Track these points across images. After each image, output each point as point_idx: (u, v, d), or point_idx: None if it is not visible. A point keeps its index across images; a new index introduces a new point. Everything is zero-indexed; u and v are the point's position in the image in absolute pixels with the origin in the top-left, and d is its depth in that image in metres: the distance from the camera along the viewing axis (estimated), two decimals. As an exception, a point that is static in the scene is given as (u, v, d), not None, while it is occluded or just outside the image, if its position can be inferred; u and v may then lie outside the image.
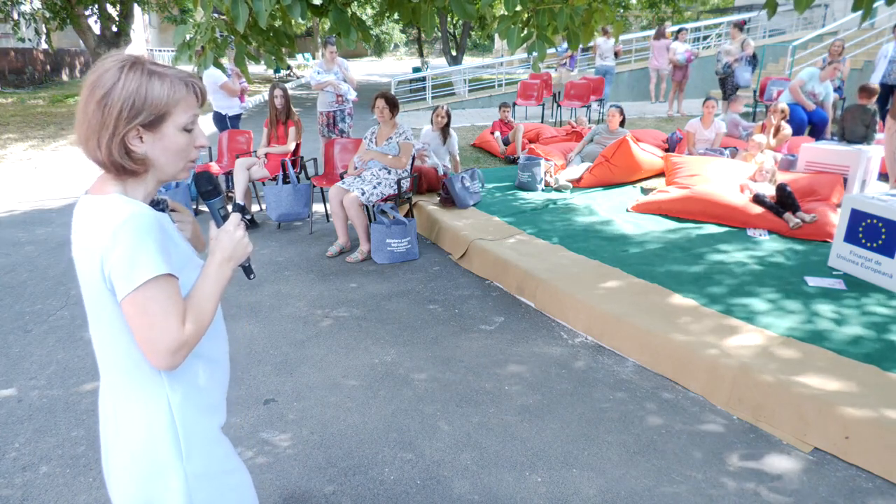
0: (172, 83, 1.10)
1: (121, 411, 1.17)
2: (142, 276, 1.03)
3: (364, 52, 45.67)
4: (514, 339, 3.44)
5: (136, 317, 1.05)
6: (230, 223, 1.22)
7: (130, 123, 1.07)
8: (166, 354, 1.06)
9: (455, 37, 21.16)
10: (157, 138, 1.11)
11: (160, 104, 1.09)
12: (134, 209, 1.06)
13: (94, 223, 1.06)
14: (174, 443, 1.16)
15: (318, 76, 6.69)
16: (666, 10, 22.10)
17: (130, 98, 1.06)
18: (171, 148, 1.13)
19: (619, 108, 6.70)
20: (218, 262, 1.18)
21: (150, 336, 1.05)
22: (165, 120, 1.11)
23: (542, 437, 2.56)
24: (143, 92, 1.07)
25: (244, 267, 1.29)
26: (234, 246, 1.20)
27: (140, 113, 1.07)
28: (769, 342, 3.01)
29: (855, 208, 3.86)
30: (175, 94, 1.11)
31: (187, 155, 1.17)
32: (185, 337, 1.07)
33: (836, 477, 2.31)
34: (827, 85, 7.79)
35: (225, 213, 1.25)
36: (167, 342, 1.05)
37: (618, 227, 4.94)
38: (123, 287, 1.03)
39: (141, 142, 1.10)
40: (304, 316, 3.74)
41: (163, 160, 1.14)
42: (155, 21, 28.34)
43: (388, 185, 4.76)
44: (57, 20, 11.93)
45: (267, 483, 2.31)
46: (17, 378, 3.04)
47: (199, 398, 1.21)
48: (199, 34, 3.65)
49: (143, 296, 1.04)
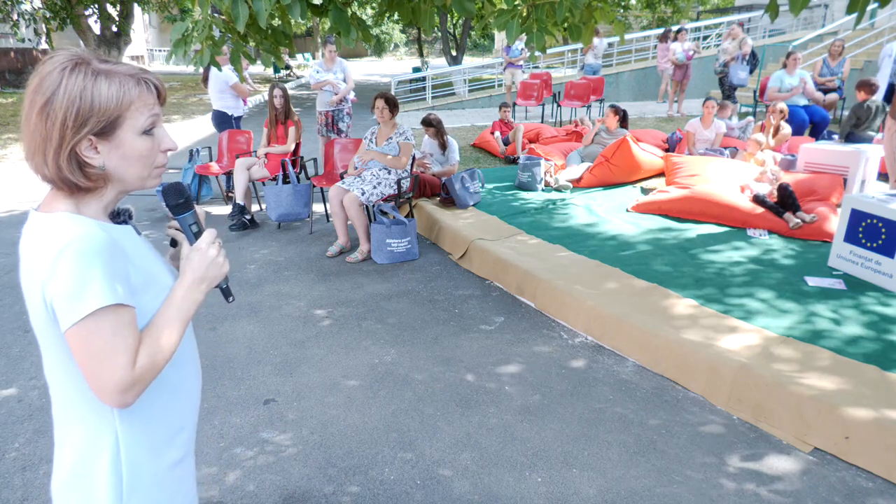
0: (122, 82, 0.98)
1: (64, 444, 1.04)
2: (86, 307, 0.91)
3: (364, 52, 45.67)
4: (514, 339, 3.44)
5: (80, 351, 0.93)
6: (203, 240, 1.10)
7: (79, 133, 0.95)
8: (113, 393, 0.94)
9: (455, 37, 21.16)
10: (114, 146, 0.99)
11: (110, 108, 0.96)
12: (80, 230, 0.93)
13: (37, 246, 0.94)
14: (114, 484, 1.02)
15: (318, 75, 6.69)
16: (665, 10, 22.08)
17: (74, 104, 0.94)
18: (132, 155, 1.01)
19: (615, 107, 6.70)
20: (188, 285, 1.05)
21: (95, 373, 0.93)
22: (120, 125, 0.98)
23: (542, 437, 2.56)
24: (88, 95, 0.95)
25: (222, 289, 1.16)
26: (208, 266, 1.08)
27: (88, 120, 0.95)
28: (769, 342, 3.01)
29: (855, 208, 3.86)
30: (126, 94, 0.98)
31: (152, 161, 1.04)
32: (135, 375, 0.95)
33: (836, 477, 2.31)
34: (797, 74, 7.99)
35: (198, 229, 1.12)
36: (114, 381, 0.93)
37: (618, 227, 4.94)
38: (66, 319, 0.92)
39: (96, 152, 0.98)
40: (304, 316, 3.74)
41: (123, 170, 1.01)
42: (155, 21, 28.36)
43: (388, 185, 4.76)
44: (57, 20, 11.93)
45: (267, 483, 2.31)
46: (17, 378, 3.04)
47: (154, 433, 1.08)
48: (196, 31, 3.65)
49: (87, 329, 0.92)
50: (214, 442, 2.55)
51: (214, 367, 3.14)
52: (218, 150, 6.32)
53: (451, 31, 20.97)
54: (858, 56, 11.47)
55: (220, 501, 2.22)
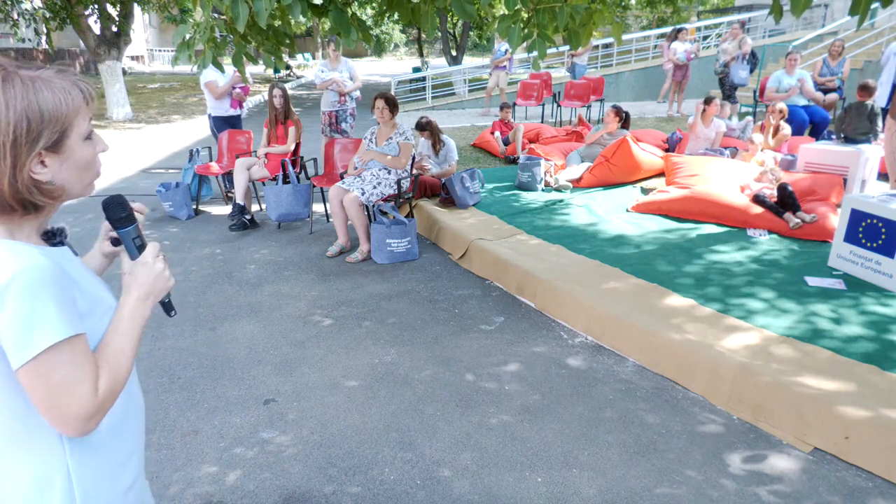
0: (64, 89, 0.92)
1: (9, 477, 0.96)
2: (40, 343, 0.86)
3: (364, 52, 45.68)
4: (514, 339, 3.44)
5: (37, 388, 0.88)
6: (148, 254, 1.06)
7: (33, 149, 0.89)
8: (77, 424, 0.90)
9: (455, 37, 21.15)
10: (65, 158, 0.93)
11: (59, 117, 0.91)
12: (24, 262, 0.87)
13: None
14: None
15: (323, 74, 6.68)
16: (665, 10, 22.08)
17: (23, 119, 0.87)
18: (80, 164, 0.96)
19: (617, 108, 6.69)
20: (134, 301, 1.01)
21: (58, 405, 0.89)
22: (69, 135, 0.93)
23: (542, 437, 2.56)
24: (35, 108, 0.88)
25: (164, 303, 1.13)
26: (154, 280, 1.04)
27: (41, 134, 0.89)
28: (769, 342, 3.01)
29: (855, 208, 3.86)
30: (72, 100, 0.93)
31: (94, 167, 1.00)
32: (98, 402, 0.91)
33: (836, 477, 2.31)
34: (796, 74, 8.00)
35: (140, 242, 1.08)
36: (77, 412, 0.89)
37: (618, 227, 4.94)
38: (18, 357, 0.86)
39: (44, 167, 0.91)
40: (304, 316, 3.74)
41: (73, 179, 0.96)
42: (155, 21, 28.34)
43: (388, 186, 4.76)
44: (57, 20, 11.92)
45: (267, 483, 2.31)
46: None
47: (106, 460, 1.03)
48: (198, 34, 3.65)
49: (44, 365, 0.87)
50: (214, 442, 2.55)
51: (214, 367, 3.15)
52: (218, 150, 6.32)
53: (450, 31, 20.96)
54: (858, 56, 11.48)
55: (220, 501, 2.22)
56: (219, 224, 5.61)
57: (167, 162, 8.17)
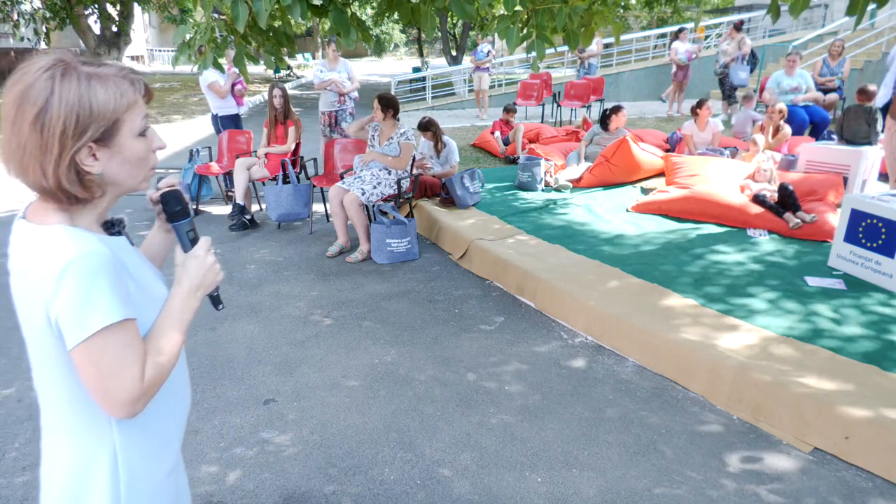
0: (118, 85, 0.96)
1: (57, 457, 1.03)
2: (94, 325, 0.90)
3: (364, 52, 45.68)
4: (514, 339, 3.44)
5: (89, 367, 0.92)
6: (200, 247, 1.10)
7: (79, 141, 0.92)
8: (124, 406, 0.95)
9: (455, 37, 21.15)
10: (115, 152, 0.97)
11: (108, 112, 0.94)
12: (82, 247, 0.91)
13: (35, 262, 0.92)
14: (113, 495, 1.02)
15: (321, 75, 6.68)
16: (665, 10, 22.06)
17: (73, 112, 0.91)
18: (131, 159, 1.00)
19: (619, 108, 6.67)
20: (185, 292, 1.05)
21: (105, 387, 0.93)
22: (119, 129, 0.96)
23: (542, 437, 2.56)
24: (86, 101, 0.92)
25: (212, 297, 1.16)
26: (205, 273, 1.08)
27: (88, 127, 0.92)
28: (769, 342, 3.01)
29: (855, 208, 3.86)
30: (123, 97, 0.96)
31: (147, 162, 1.03)
32: (145, 387, 0.96)
33: (836, 477, 2.31)
34: (796, 74, 7.97)
35: (194, 236, 1.12)
36: (125, 395, 0.94)
37: (618, 227, 4.94)
38: (73, 337, 0.91)
39: (95, 160, 0.95)
40: (304, 316, 3.74)
41: (123, 175, 1.00)
42: (155, 21, 28.35)
43: (388, 186, 4.76)
44: (57, 20, 11.92)
45: (267, 483, 2.31)
46: (17, 378, 3.04)
47: (151, 441, 1.08)
48: (198, 34, 3.66)
49: (95, 346, 0.91)
50: (214, 442, 2.55)
51: (214, 367, 3.15)
52: (218, 150, 6.32)
53: (450, 31, 20.96)
54: (858, 56, 11.47)
55: (220, 501, 2.22)
56: (219, 224, 5.61)
57: (167, 162, 8.16)
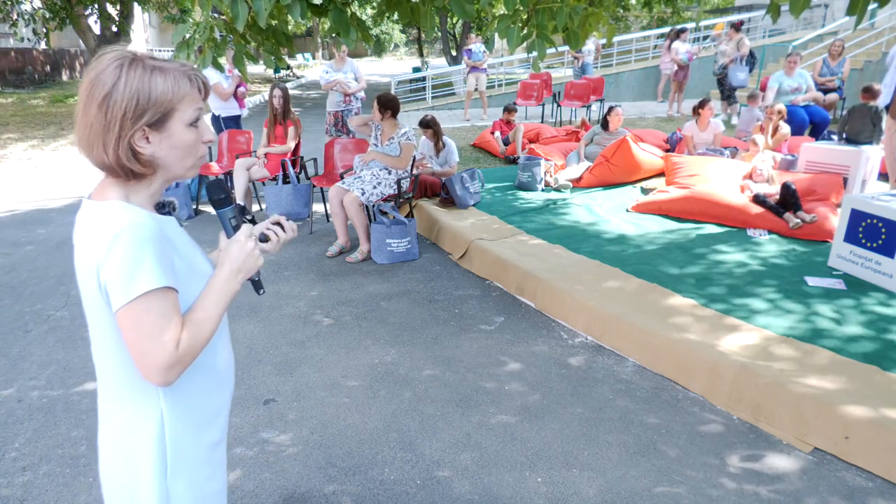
0: (176, 78, 1.06)
1: (111, 419, 1.13)
2: (137, 288, 0.99)
3: (364, 52, 45.68)
4: (514, 339, 3.44)
5: (129, 330, 1.01)
6: (242, 233, 1.17)
7: (136, 124, 1.03)
8: (158, 371, 1.02)
9: (455, 37, 21.15)
10: (164, 137, 1.07)
11: (165, 101, 1.05)
12: (132, 218, 1.02)
13: (92, 232, 1.02)
14: (159, 458, 1.11)
15: (328, 75, 6.70)
16: (665, 9, 22.05)
17: (134, 97, 1.02)
18: (180, 146, 1.09)
19: (611, 108, 6.67)
20: (226, 275, 1.12)
21: (142, 351, 1.01)
22: (171, 117, 1.07)
23: (542, 437, 2.56)
24: (146, 90, 1.03)
25: (253, 281, 1.23)
26: (245, 258, 1.15)
27: (145, 112, 1.03)
28: (769, 342, 3.01)
29: (855, 208, 3.86)
30: (179, 88, 1.06)
31: (196, 151, 1.13)
32: (178, 355, 1.02)
33: (836, 477, 2.31)
34: (796, 74, 7.95)
35: (237, 222, 1.20)
36: (159, 359, 1.01)
37: (618, 227, 4.94)
38: (118, 299, 1.00)
39: (147, 142, 1.06)
40: (304, 316, 3.74)
41: (171, 160, 1.09)
42: (155, 21, 28.34)
43: (388, 186, 4.76)
44: (56, 20, 11.92)
45: (267, 483, 2.31)
46: (17, 378, 3.04)
47: (195, 413, 1.17)
48: (197, 33, 3.65)
49: (137, 309, 0.99)
50: (214, 442, 2.55)
51: (214, 367, 3.14)
52: (218, 150, 6.32)
53: (450, 31, 20.96)
54: (858, 56, 11.47)
55: (220, 501, 2.22)
56: (219, 224, 5.60)
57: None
